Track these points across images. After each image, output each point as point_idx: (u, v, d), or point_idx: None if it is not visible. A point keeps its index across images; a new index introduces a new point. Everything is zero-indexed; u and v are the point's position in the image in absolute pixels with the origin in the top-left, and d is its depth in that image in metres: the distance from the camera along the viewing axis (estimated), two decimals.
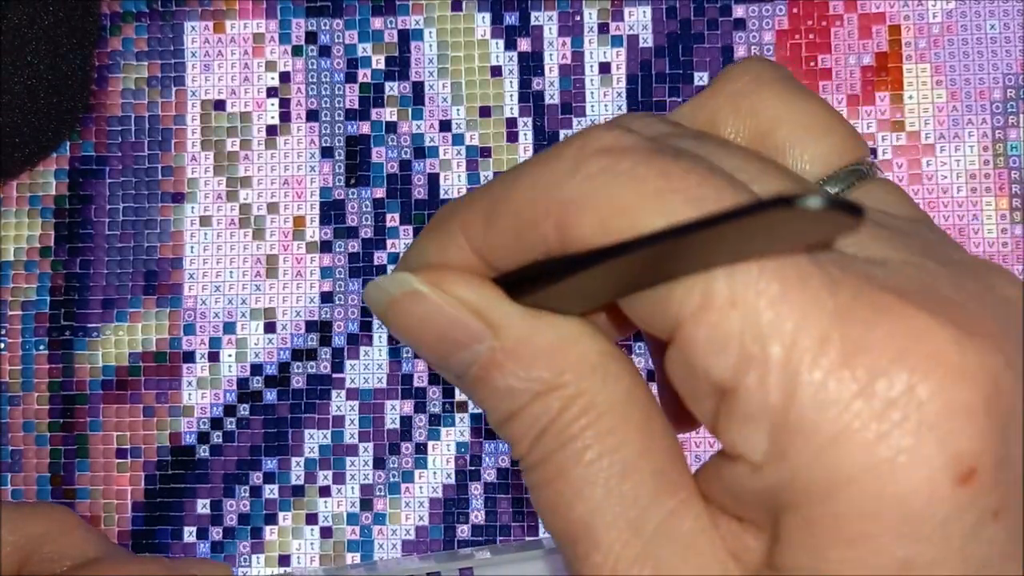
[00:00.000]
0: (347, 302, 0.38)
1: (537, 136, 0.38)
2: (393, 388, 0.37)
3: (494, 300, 0.18)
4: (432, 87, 0.38)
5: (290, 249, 0.38)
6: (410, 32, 0.39)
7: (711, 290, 0.16)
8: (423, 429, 0.37)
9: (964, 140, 0.37)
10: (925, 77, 0.37)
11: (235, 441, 0.37)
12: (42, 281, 0.38)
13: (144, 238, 0.38)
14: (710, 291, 0.16)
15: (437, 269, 0.19)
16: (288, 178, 0.38)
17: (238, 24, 0.39)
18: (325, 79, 0.39)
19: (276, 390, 0.37)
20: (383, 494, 0.37)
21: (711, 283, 0.16)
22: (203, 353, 0.38)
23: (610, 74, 0.38)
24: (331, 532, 0.37)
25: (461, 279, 0.19)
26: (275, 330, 0.38)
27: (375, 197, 0.38)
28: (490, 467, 0.37)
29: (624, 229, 0.16)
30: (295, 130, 0.39)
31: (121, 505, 0.37)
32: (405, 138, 0.38)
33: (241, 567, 0.37)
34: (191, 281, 0.38)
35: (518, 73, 0.38)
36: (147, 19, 0.39)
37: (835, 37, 0.38)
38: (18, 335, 0.38)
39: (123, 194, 0.39)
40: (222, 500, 0.37)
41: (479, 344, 0.18)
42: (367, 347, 0.37)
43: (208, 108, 0.39)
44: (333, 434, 0.37)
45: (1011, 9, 0.37)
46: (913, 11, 0.37)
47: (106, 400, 0.38)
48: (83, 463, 0.38)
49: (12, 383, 0.38)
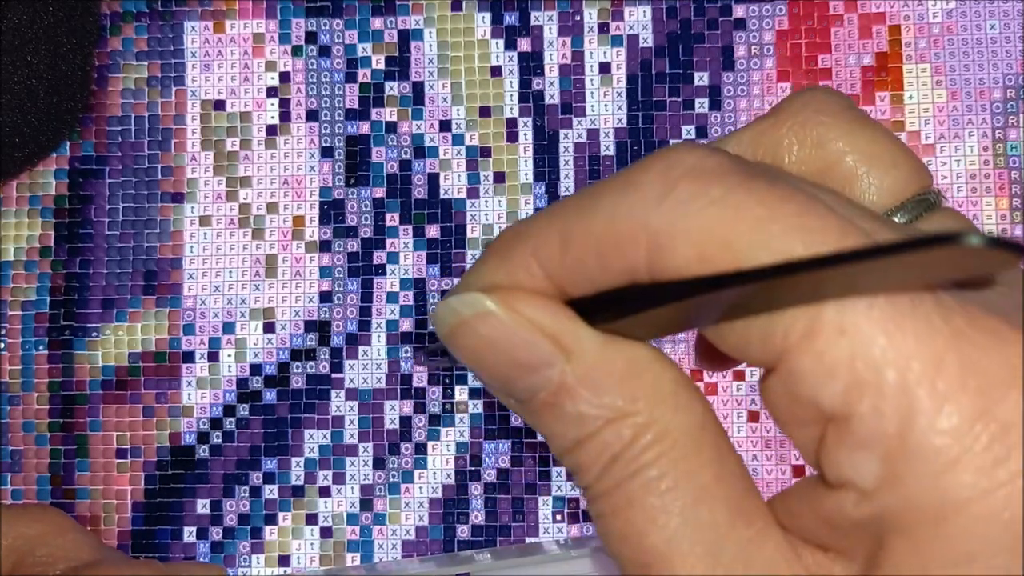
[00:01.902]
0: (346, 302, 0.38)
1: (537, 136, 0.38)
2: (392, 388, 0.37)
3: (568, 323, 0.18)
4: (432, 87, 0.38)
5: (289, 249, 0.38)
6: (410, 32, 0.39)
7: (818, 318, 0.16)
8: (423, 429, 0.37)
9: (964, 140, 0.37)
10: (925, 77, 0.37)
11: (235, 441, 0.37)
12: (42, 281, 0.38)
13: (144, 238, 0.38)
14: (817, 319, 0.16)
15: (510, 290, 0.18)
16: (288, 178, 0.38)
17: (238, 24, 0.39)
18: (325, 79, 0.39)
19: (276, 390, 0.37)
20: (383, 494, 0.37)
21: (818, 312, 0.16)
22: (203, 353, 0.38)
23: (610, 74, 0.38)
24: (331, 532, 0.37)
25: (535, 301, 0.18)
26: (274, 330, 0.38)
27: (375, 197, 0.38)
28: (490, 467, 0.37)
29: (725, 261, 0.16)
30: (295, 130, 0.39)
31: (121, 505, 0.37)
32: (405, 138, 0.38)
33: (241, 567, 0.37)
34: (191, 281, 0.38)
35: (518, 73, 0.38)
36: (147, 19, 0.39)
37: (835, 37, 0.38)
38: (18, 335, 0.38)
39: (123, 194, 0.39)
40: (222, 500, 0.37)
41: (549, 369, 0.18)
42: (366, 347, 0.37)
43: (208, 108, 0.39)
44: (333, 434, 0.37)
45: (1011, 9, 0.37)
46: (913, 11, 0.37)
47: (106, 400, 0.38)
48: (83, 463, 0.38)
49: (12, 383, 0.38)
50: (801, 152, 0.21)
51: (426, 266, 0.38)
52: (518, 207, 0.38)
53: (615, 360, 0.18)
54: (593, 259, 0.17)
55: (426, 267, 0.38)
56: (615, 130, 0.38)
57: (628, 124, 0.38)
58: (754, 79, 0.38)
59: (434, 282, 0.38)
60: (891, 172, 0.21)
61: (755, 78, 0.38)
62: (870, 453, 0.16)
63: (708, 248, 0.16)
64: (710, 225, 0.16)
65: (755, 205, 0.16)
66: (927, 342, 0.16)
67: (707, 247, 0.16)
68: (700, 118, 0.38)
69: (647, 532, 0.17)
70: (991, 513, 0.15)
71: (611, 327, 0.18)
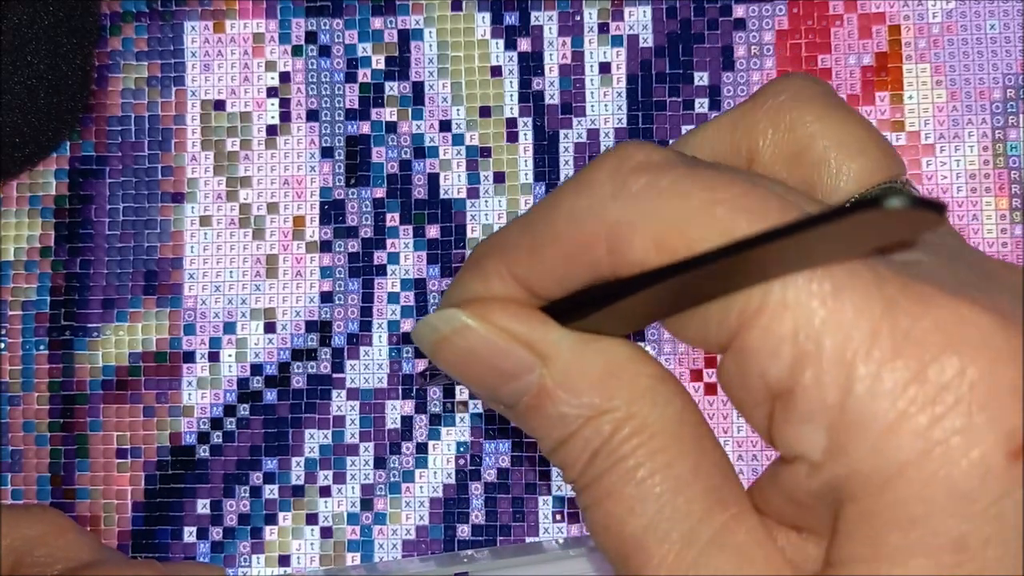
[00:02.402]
0: (347, 302, 0.38)
1: (537, 136, 0.38)
2: (393, 388, 0.37)
3: (541, 329, 0.19)
4: (432, 87, 0.38)
5: (290, 249, 0.38)
6: (410, 32, 0.39)
7: (766, 296, 0.16)
8: (423, 429, 0.37)
9: (964, 140, 0.37)
10: (925, 77, 0.37)
11: (235, 441, 0.37)
12: (42, 281, 0.38)
13: (144, 238, 0.38)
14: (766, 297, 0.16)
15: (483, 302, 0.19)
16: (288, 178, 0.38)
17: (238, 24, 0.39)
18: (325, 79, 0.39)
19: (276, 390, 0.37)
20: (383, 494, 0.37)
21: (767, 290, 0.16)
22: (203, 353, 0.38)
23: (610, 74, 0.38)
24: (331, 532, 0.37)
25: (507, 310, 0.19)
26: (275, 330, 0.38)
27: (375, 197, 0.38)
28: (490, 467, 0.37)
29: (680, 247, 0.16)
30: (295, 130, 0.39)
31: (121, 505, 0.37)
32: (405, 138, 0.38)
33: (241, 567, 0.37)
34: (191, 281, 0.38)
35: (518, 73, 0.38)
36: (147, 19, 0.39)
37: (835, 37, 0.38)
38: (18, 335, 0.38)
39: (123, 194, 0.39)
40: (222, 500, 0.37)
41: (529, 374, 0.19)
42: (367, 347, 0.37)
43: (208, 108, 0.39)
44: (333, 434, 0.37)
45: (1011, 9, 0.37)
46: (913, 11, 0.37)
47: (106, 400, 0.38)
48: (83, 463, 0.38)
49: (12, 383, 0.38)
50: (775, 136, 0.21)
51: (426, 266, 0.38)
52: (518, 207, 0.38)
53: (591, 360, 0.18)
54: (560, 261, 0.18)
55: (426, 267, 0.38)
56: (615, 130, 0.38)
57: (628, 124, 0.38)
58: (754, 79, 0.38)
59: (435, 282, 0.38)
60: (858, 159, 0.21)
61: (755, 78, 0.38)
62: (815, 425, 0.16)
63: (663, 236, 0.17)
64: (662, 214, 0.17)
65: (701, 190, 0.17)
66: (863, 312, 0.16)
67: (662, 235, 0.17)
68: (700, 118, 0.38)
69: (626, 521, 0.18)
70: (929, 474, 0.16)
71: (585, 326, 0.18)
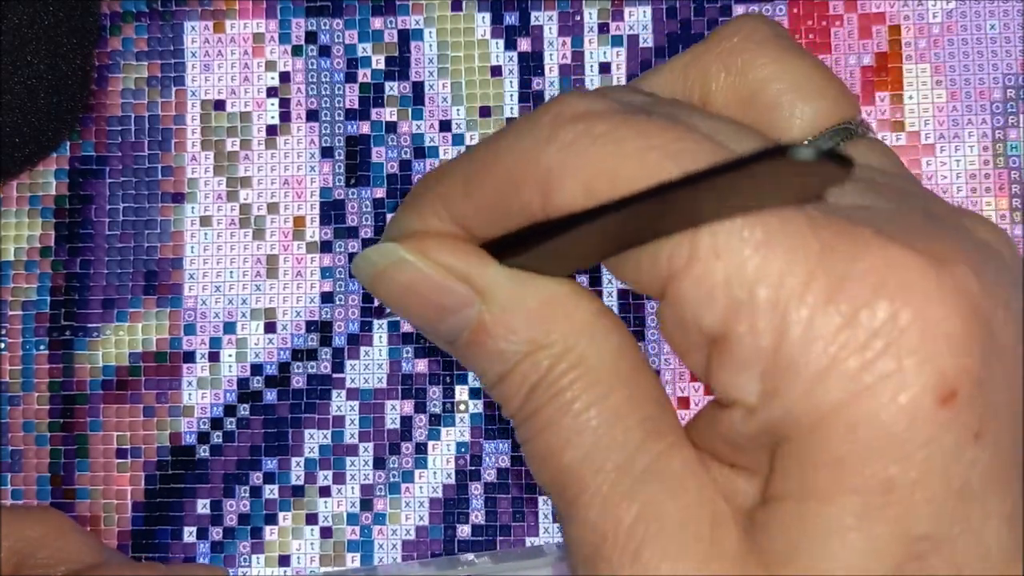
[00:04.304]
0: (347, 302, 0.38)
1: None
2: (393, 388, 0.37)
3: (479, 265, 0.19)
4: (432, 87, 0.38)
5: (290, 249, 0.38)
6: (410, 32, 0.39)
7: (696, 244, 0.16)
8: (423, 429, 0.37)
9: (964, 140, 0.37)
10: (925, 77, 0.37)
11: (235, 441, 0.37)
12: (42, 281, 0.38)
13: (144, 238, 0.38)
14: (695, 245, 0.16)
15: (420, 236, 0.19)
16: (288, 178, 0.38)
17: (238, 24, 0.39)
18: (325, 79, 0.39)
19: (276, 390, 0.37)
20: (383, 494, 0.37)
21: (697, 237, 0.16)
22: (203, 353, 0.38)
23: (610, 74, 0.38)
24: (331, 532, 0.37)
25: (446, 245, 0.19)
26: (275, 330, 0.38)
27: (375, 197, 0.38)
28: (490, 467, 0.37)
29: (607, 191, 0.17)
30: (295, 130, 0.39)
31: (121, 505, 0.37)
32: (405, 138, 0.38)
33: (241, 567, 0.37)
34: (191, 281, 0.38)
35: (518, 73, 0.38)
36: (147, 19, 0.39)
37: (835, 37, 0.38)
38: (18, 335, 0.38)
39: (123, 194, 0.39)
40: (222, 500, 0.37)
41: (468, 309, 0.19)
42: (367, 347, 0.37)
43: (208, 108, 0.39)
44: (333, 434, 0.37)
45: (1011, 9, 0.37)
46: (913, 11, 0.37)
47: (106, 400, 0.38)
48: (83, 463, 0.38)
49: (12, 383, 0.38)
50: (727, 79, 0.21)
51: None
52: None
53: (530, 296, 0.19)
54: (494, 201, 0.18)
55: None
56: None
57: None
58: None
59: None
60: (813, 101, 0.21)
61: None
62: (750, 372, 0.16)
63: (592, 181, 0.17)
64: (594, 160, 0.17)
65: (635, 137, 0.17)
66: (797, 258, 0.16)
67: (591, 180, 0.17)
68: None
69: (563, 452, 0.18)
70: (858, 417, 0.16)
71: (523, 264, 0.19)
